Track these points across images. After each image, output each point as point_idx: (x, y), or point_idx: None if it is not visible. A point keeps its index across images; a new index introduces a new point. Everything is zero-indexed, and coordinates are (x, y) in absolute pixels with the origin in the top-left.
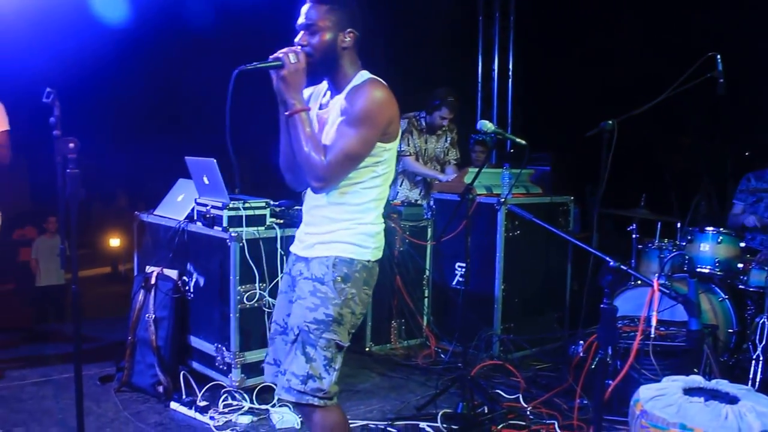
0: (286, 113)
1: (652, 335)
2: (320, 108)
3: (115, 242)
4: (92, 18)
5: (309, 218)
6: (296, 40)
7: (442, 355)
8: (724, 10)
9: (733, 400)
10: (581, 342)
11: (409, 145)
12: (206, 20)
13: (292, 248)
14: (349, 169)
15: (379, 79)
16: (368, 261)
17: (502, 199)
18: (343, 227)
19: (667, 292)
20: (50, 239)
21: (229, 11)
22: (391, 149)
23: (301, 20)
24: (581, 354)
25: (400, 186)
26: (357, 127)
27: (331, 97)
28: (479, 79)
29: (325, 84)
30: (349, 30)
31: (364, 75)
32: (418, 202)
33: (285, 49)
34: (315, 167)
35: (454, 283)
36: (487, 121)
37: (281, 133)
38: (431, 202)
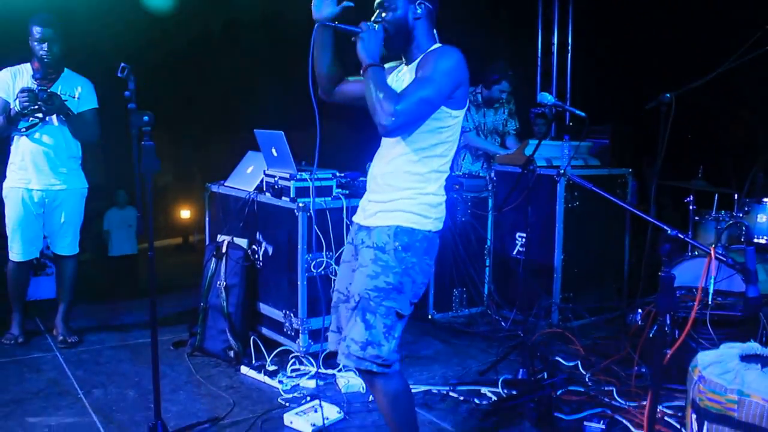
0: (362, 71)
1: (710, 302)
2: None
3: (185, 214)
4: None
5: (373, 186)
6: (373, 18)
7: (503, 323)
8: None
9: None
10: (639, 311)
11: (468, 121)
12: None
13: (355, 218)
14: (420, 113)
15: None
16: (429, 231)
17: (562, 171)
18: (405, 196)
19: (724, 259)
20: (121, 211)
21: None
22: (457, 118)
23: None
24: (639, 323)
25: (463, 160)
26: (432, 75)
27: (406, 66)
28: (539, 55)
29: (403, 66)
30: (419, 2)
31: (440, 45)
32: (480, 174)
33: (367, 22)
34: (387, 108)
35: (514, 252)
36: (547, 93)
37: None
38: (492, 174)
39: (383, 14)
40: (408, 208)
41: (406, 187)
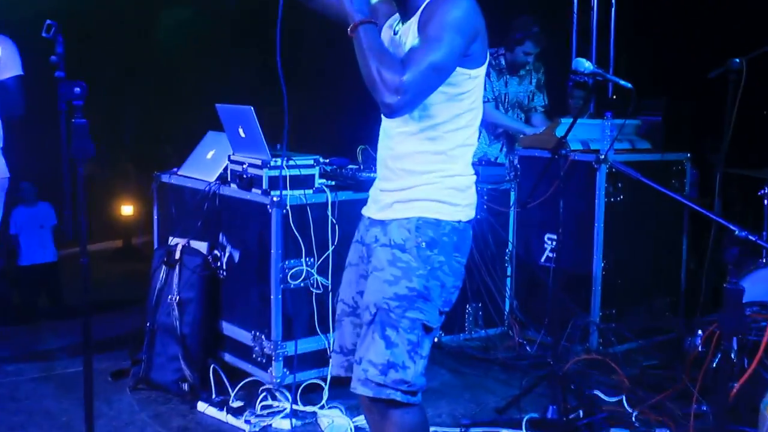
0: (349, 30)
1: None
2: (394, 34)
3: (127, 210)
4: None
5: (384, 172)
6: None
7: (528, 348)
8: None
9: None
10: (700, 333)
11: (486, 89)
12: None
13: (365, 211)
14: (431, 83)
15: None
16: (459, 221)
17: (602, 156)
18: (425, 181)
19: None
20: (29, 208)
21: None
22: (477, 78)
23: None
24: (699, 348)
25: (478, 139)
26: (441, 32)
27: (403, 23)
28: (575, 10)
29: (396, 16)
30: None
31: None
32: (499, 159)
33: None
34: (390, 81)
35: (542, 259)
36: (584, 60)
37: None
38: (515, 161)
39: None
40: (431, 195)
41: (426, 170)
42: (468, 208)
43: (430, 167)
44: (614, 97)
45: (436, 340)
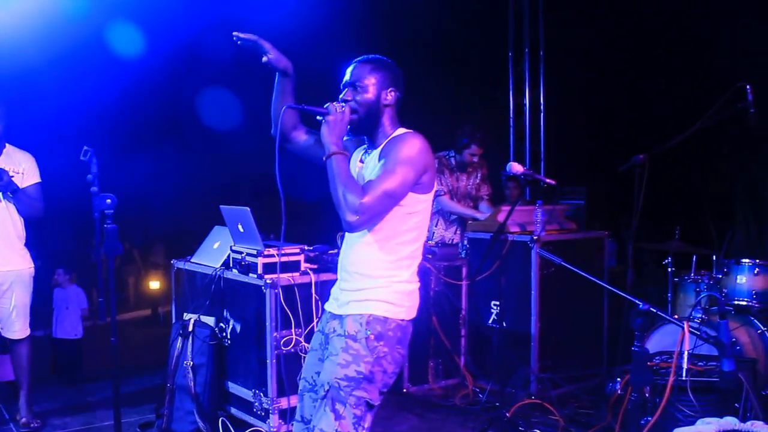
0: (324, 157)
1: (684, 377)
2: (360, 162)
3: (154, 285)
4: (124, 70)
5: (344, 275)
6: (341, 96)
7: (480, 395)
8: (757, 38)
9: None
10: (618, 379)
11: (442, 184)
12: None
13: (327, 306)
14: (385, 206)
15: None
16: (402, 320)
17: (536, 237)
18: (377, 284)
19: (698, 333)
20: (62, 291)
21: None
22: (425, 202)
23: (346, 78)
24: (619, 391)
25: (435, 226)
26: (395, 166)
27: (370, 151)
28: (511, 115)
29: (364, 146)
30: (391, 89)
31: (403, 130)
32: (454, 241)
33: (333, 102)
34: (351, 203)
35: (489, 321)
36: (515, 163)
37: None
38: (466, 242)
39: (356, 96)
40: (381, 296)
41: (378, 276)
42: (411, 309)
43: (381, 273)
44: (545, 185)
45: (404, 390)
